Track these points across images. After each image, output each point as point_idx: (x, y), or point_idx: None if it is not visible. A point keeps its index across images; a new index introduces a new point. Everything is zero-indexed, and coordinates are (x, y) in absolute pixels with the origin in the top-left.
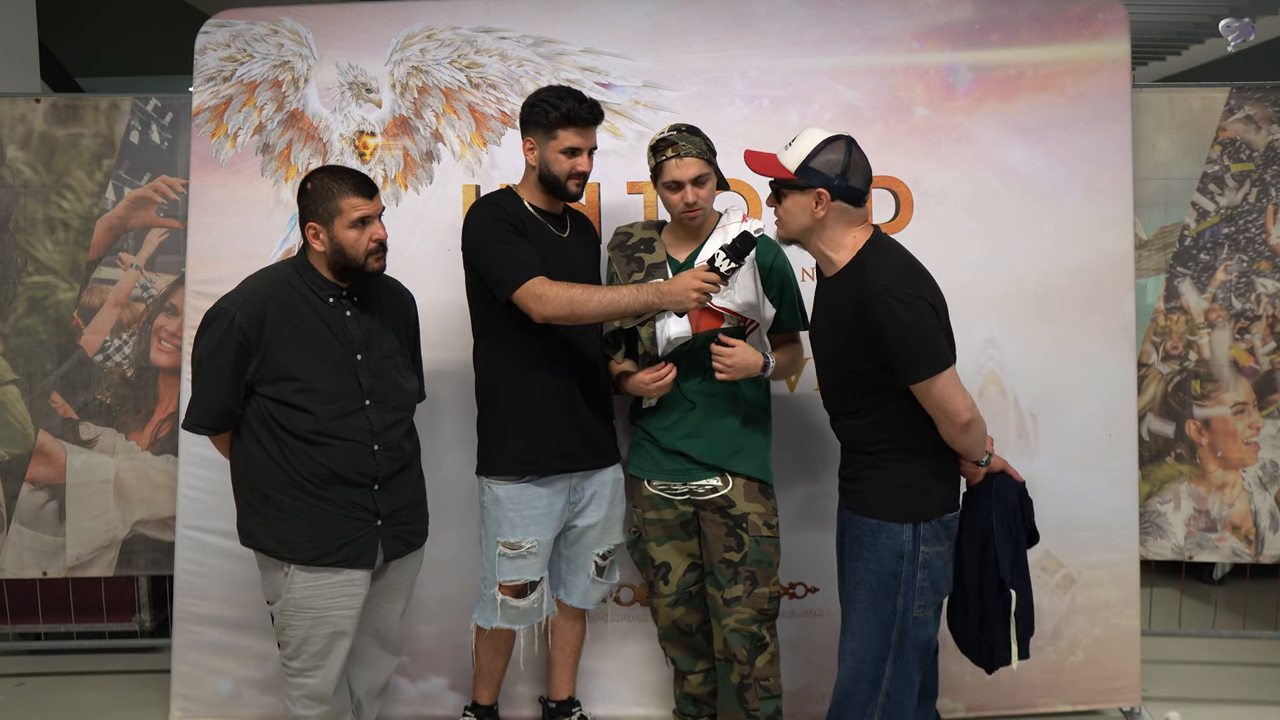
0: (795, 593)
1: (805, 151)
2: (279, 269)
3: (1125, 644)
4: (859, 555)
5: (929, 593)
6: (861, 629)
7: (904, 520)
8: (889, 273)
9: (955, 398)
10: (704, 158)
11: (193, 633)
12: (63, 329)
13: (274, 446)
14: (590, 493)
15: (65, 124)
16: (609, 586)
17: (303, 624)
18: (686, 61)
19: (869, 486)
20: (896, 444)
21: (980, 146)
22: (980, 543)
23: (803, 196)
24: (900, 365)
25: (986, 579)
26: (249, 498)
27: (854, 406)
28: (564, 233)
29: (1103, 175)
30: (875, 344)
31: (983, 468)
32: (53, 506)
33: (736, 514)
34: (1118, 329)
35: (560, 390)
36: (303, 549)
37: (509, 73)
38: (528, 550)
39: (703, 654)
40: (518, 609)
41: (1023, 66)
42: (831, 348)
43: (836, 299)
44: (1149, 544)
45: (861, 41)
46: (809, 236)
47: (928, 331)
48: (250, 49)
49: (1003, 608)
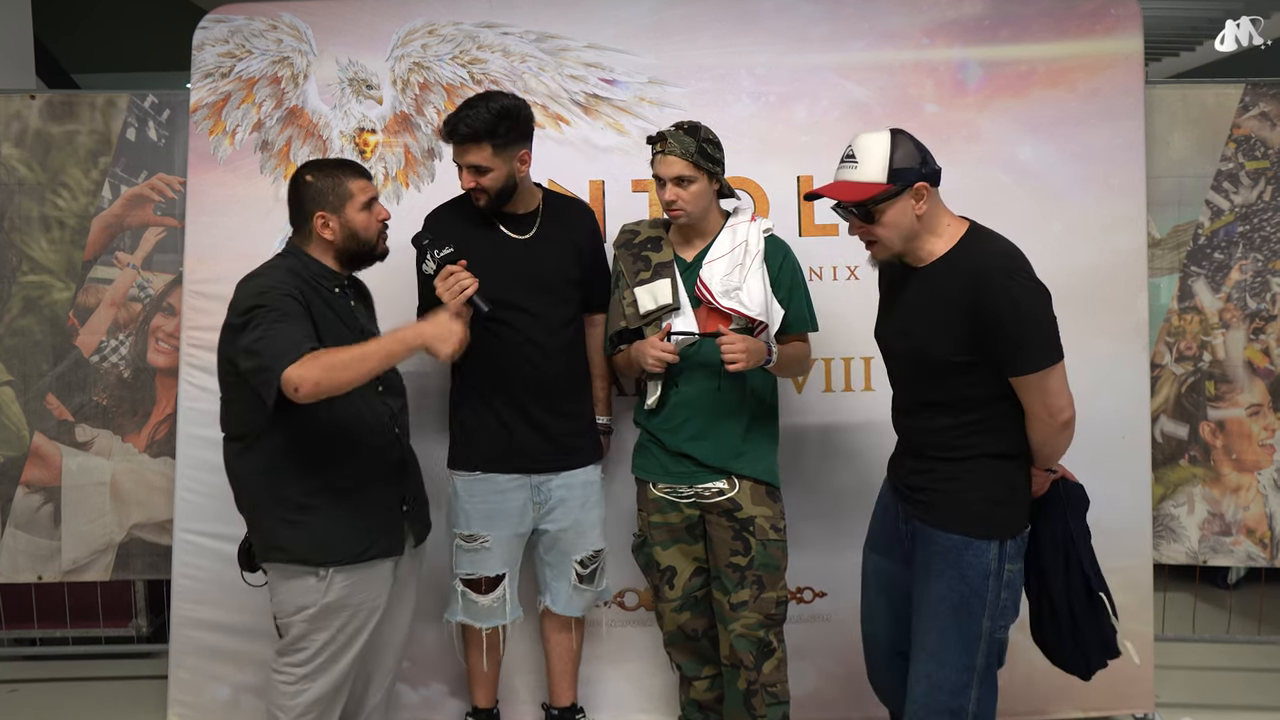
0: (803, 597)
1: (885, 157)
2: (277, 266)
3: (1138, 649)
4: (940, 574)
5: (1010, 612)
6: (938, 655)
7: (992, 537)
8: (1010, 257)
9: (1064, 393)
10: (689, 159)
11: (190, 638)
12: (58, 329)
13: (302, 450)
14: (557, 495)
15: (61, 121)
16: (594, 594)
17: (332, 626)
18: (692, 57)
19: (950, 500)
20: (991, 449)
21: (990, 144)
22: (1063, 553)
23: (902, 201)
24: (1013, 354)
25: (1074, 588)
26: (278, 511)
27: (947, 402)
28: (526, 233)
29: (1115, 173)
30: (986, 331)
31: (1053, 474)
32: (48, 510)
33: (743, 517)
34: (1131, 329)
35: (511, 390)
36: (345, 549)
37: (512, 69)
38: (481, 545)
39: (709, 659)
40: (478, 605)
41: (1034, 62)
42: (921, 335)
43: (932, 286)
44: (1162, 548)
45: (869, 37)
46: (910, 243)
47: (1046, 319)
48: (249, 44)
49: (1094, 613)
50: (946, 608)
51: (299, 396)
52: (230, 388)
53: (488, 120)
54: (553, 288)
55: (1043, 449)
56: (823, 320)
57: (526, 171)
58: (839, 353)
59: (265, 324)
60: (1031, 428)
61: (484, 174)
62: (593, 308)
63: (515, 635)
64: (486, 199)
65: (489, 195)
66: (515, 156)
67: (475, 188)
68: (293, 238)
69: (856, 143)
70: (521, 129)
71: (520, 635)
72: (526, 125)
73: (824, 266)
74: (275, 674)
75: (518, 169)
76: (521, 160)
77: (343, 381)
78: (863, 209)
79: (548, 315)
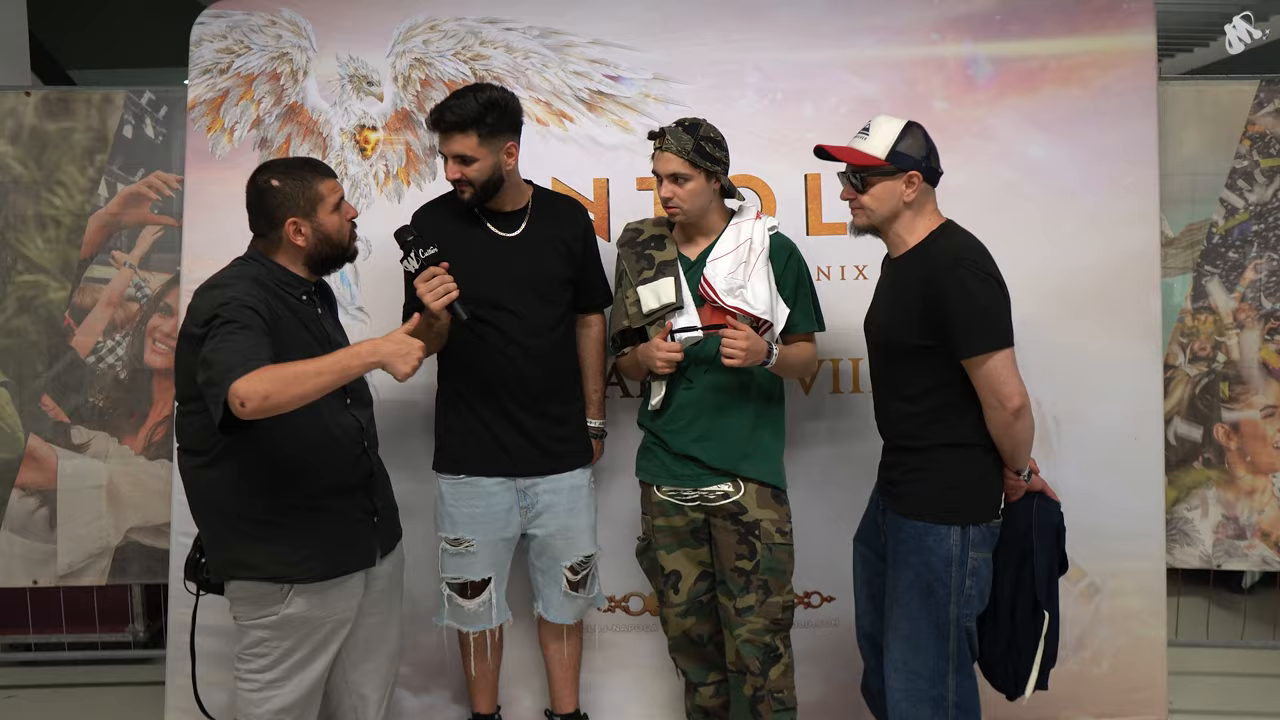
0: (810, 602)
1: (892, 137)
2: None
3: (1151, 655)
4: (905, 561)
5: (975, 602)
6: (913, 641)
7: (953, 523)
8: (964, 248)
9: (1010, 380)
10: (684, 156)
11: (188, 643)
12: (54, 330)
13: (268, 464)
14: (544, 500)
15: (56, 118)
16: (586, 601)
17: (293, 637)
18: (698, 53)
19: (916, 488)
20: (948, 438)
21: (1001, 141)
22: (1018, 560)
23: (892, 182)
24: (959, 337)
25: (1020, 598)
26: (240, 527)
27: (907, 389)
28: (514, 231)
29: (1128, 171)
30: (938, 315)
31: (1024, 483)
32: (43, 513)
33: (749, 520)
34: (1143, 330)
35: (493, 392)
36: (313, 566)
37: (515, 65)
38: (466, 549)
39: (714, 665)
40: (463, 609)
41: (1045, 59)
42: (888, 321)
43: (902, 275)
44: (1175, 552)
45: (879, 33)
46: (890, 223)
47: (993, 307)
48: (248, 40)
49: (1034, 630)
50: (915, 594)
51: (245, 412)
52: (190, 399)
53: (474, 109)
54: (539, 287)
55: (1002, 441)
56: (830, 320)
57: (514, 165)
58: (847, 353)
59: (220, 336)
60: (987, 417)
61: (469, 164)
62: (586, 308)
63: (516, 640)
64: (472, 192)
65: (474, 188)
66: (502, 148)
67: (460, 179)
68: (256, 242)
69: (875, 119)
70: (509, 120)
71: (521, 640)
72: (514, 117)
73: (831, 266)
74: (239, 681)
75: (504, 161)
76: (508, 153)
77: (294, 396)
78: (858, 176)
79: (533, 316)
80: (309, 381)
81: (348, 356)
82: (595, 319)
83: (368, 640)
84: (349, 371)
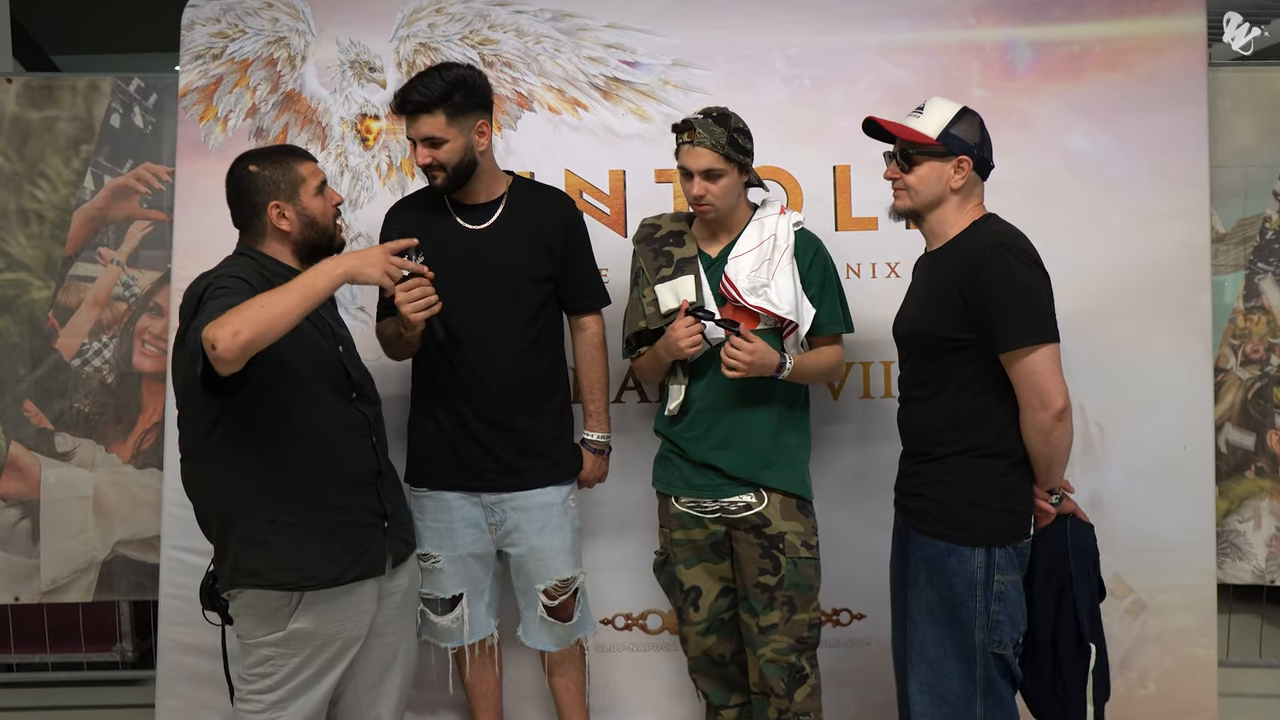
0: (839, 619)
1: (947, 118)
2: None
3: (1201, 676)
4: (929, 582)
5: (1006, 628)
6: (939, 664)
7: (975, 544)
8: (1008, 234)
9: (1055, 378)
10: (719, 151)
11: (179, 664)
12: (36, 331)
13: (268, 463)
14: (511, 519)
15: (39, 106)
16: (568, 631)
17: (302, 652)
18: (720, 38)
19: (935, 505)
20: (966, 443)
21: (1042, 131)
22: (1056, 589)
23: (941, 164)
24: (1001, 328)
25: (1062, 631)
26: (246, 532)
27: (932, 390)
28: (483, 223)
29: (1176, 162)
30: (978, 303)
31: (1054, 508)
32: (25, 525)
33: (772, 533)
34: (1192, 330)
35: (450, 400)
36: (323, 570)
37: (526, 50)
38: (433, 565)
39: (737, 687)
40: (436, 625)
41: (1088, 43)
42: (919, 315)
43: (939, 267)
44: (1227, 566)
45: (913, 16)
46: (932, 209)
47: (1040, 296)
48: (242, 24)
49: (1080, 665)
50: (940, 616)
51: (219, 354)
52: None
53: (440, 87)
54: (505, 285)
55: (1039, 449)
56: (860, 321)
57: (487, 147)
58: (878, 356)
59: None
60: (1026, 421)
61: (439, 146)
62: (578, 309)
63: (523, 658)
64: (444, 176)
65: (446, 172)
66: (473, 128)
67: (431, 163)
68: (243, 238)
69: (931, 99)
70: (478, 98)
71: (528, 658)
72: (483, 95)
73: (862, 263)
74: (240, 703)
75: (477, 142)
76: (480, 132)
77: (264, 323)
78: (905, 154)
79: (497, 317)
80: (276, 304)
81: (313, 273)
82: (590, 321)
83: (383, 660)
84: (316, 288)
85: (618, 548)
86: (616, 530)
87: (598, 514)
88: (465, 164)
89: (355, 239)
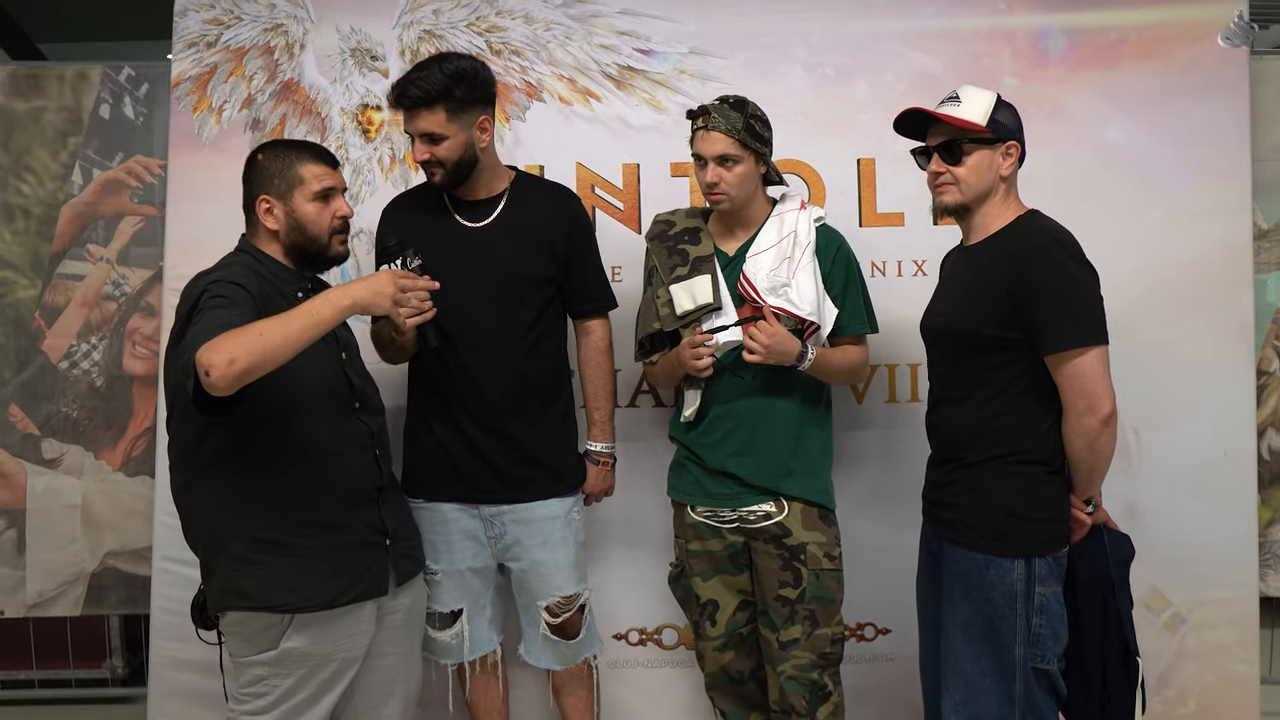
0: (863, 634)
1: (990, 104)
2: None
3: (1243, 693)
4: (965, 596)
5: (1050, 641)
6: (975, 683)
7: (1014, 555)
8: (1060, 230)
9: (1105, 381)
10: (735, 137)
11: (171, 680)
12: (22, 332)
13: (261, 477)
14: (511, 533)
15: (26, 96)
16: (572, 650)
17: (295, 674)
18: (738, 24)
19: (970, 515)
20: (1002, 448)
21: (1076, 122)
22: (1100, 602)
23: (990, 152)
24: (1050, 328)
25: (1109, 644)
26: (237, 550)
27: (964, 386)
28: (483, 220)
29: (1217, 155)
30: (1026, 299)
31: (1089, 518)
32: (11, 535)
33: (793, 544)
34: (1234, 331)
35: (446, 407)
36: (319, 591)
37: (535, 38)
38: (431, 579)
39: (756, 705)
40: (435, 640)
41: (1125, 30)
42: (957, 310)
43: (978, 263)
44: (1270, 579)
45: (941, 2)
46: (981, 201)
47: (1092, 297)
48: (238, 10)
49: (1128, 681)
50: (977, 631)
51: (213, 381)
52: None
53: (441, 81)
54: (503, 286)
55: (1082, 456)
56: (885, 321)
57: (489, 143)
58: (904, 358)
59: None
60: (1070, 426)
61: (438, 143)
62: (584, 313)
63: (530, 675)
64: (443, 173)
65: (445, 169)
66: (474, 123)
67: (430, 160)
68: (245, 231)
69: (962, 88)
70: (480, 91)
71: (534, 675)
72: (486, 88)
73: (887, 261)
74: None
75: (478, 138)
76: (481, 128)
77: (263, 352)
78: (954, 144)
79: (496, 318)
80: (276, 333)
81: (319, 301)
82: (596, 325)
83: (385, 682)
84: (320, 317)
85: (631, 559)
86: (629, 541)
87: (609, 523)
88: (466, 161)
89: (357, 234)
